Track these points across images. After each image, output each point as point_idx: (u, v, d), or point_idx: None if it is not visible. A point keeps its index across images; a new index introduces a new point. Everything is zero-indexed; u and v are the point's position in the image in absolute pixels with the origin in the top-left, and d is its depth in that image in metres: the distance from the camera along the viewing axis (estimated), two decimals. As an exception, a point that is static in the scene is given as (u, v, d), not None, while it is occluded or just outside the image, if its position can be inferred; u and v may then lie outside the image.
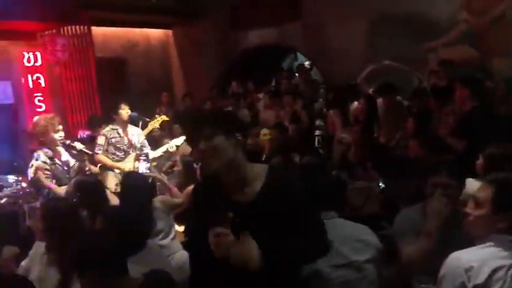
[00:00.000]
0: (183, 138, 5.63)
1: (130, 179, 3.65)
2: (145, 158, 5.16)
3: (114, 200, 3.72)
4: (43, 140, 4.27)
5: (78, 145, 4.35)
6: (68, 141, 4.34)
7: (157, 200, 3.67)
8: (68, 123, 7.47)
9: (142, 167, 5.11)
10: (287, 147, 4.67)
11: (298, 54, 9.67)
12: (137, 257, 2.50)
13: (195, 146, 1.86)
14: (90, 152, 4.54)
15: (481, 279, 1.71)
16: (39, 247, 2.84)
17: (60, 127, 4.29)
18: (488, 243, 1.81)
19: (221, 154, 1.80)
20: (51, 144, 4.27)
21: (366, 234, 2.45)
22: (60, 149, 4.38)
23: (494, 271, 1.72)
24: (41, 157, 4.22)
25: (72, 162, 4.42)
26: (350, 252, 2.23)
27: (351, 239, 2.25)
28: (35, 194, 5.46)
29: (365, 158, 4.69)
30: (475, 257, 1.76)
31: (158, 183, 4.58)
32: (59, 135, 4.25)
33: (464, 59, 6.36)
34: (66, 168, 4.34)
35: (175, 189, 4.11)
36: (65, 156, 4.42)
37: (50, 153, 4.25)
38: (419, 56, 7.03)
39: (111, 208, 3.19)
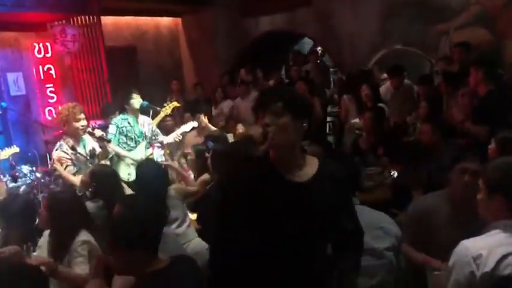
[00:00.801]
0: (191, 124, 5.63)
1: (145, 167, 3.67)
2: (159, 145, 5.17)
3: (126, 190, 3.75)
4: (65, 129, 4.33)
5: (98, 132, 4.39)
6: (88, 129, 4.38)
7: (172, 188, 3.69)
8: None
9: (157, 155, 5.13)
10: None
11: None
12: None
13: (259, 117, 1.85)
14: (109, 139, 4.59)
15: (489, 267, 1.70)
16: (46, 235, 2.94)
17: (82, 116, 4.33)
18: (497, 230, 1.80)
19: (283, 133, 1.82)
20: (73, 133, 4.31)
21: (387, 222, 2.47)
22: (86, 137, 4.43)
23: (503, 258, 1.71)
24: (62, 147, 4.27)
25: (99, 150, 4.46)
26: (370, 240, 2.24)
27: (371, 226, 2.26)
28: (51, 184, 5.55)
29: (376, 144, 4.67)
30: (483, 245, 1.75)
31: (171, 172, 4.60)
32: (81, 124, 4.29)
33: (476, 41, 6.26)
34: (89, 158, 4.38)
35: (190, 178, 4.13)
36: (91, 144, 4.47)
37: (71, 142, 4.30)
38: (431, 40, 6.95)
39: (128, 197, 3.22)
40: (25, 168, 5.82)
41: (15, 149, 5.11)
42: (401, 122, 5.67)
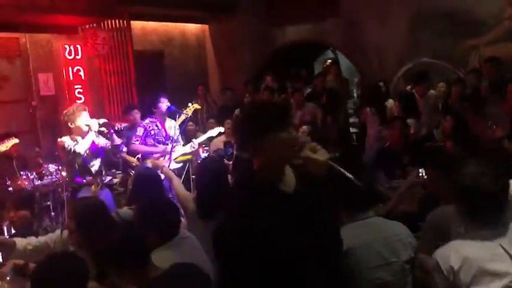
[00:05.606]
0: (218, 129, 5.67)
1: (208, 164, 3.45)
2: (207, 148, 5.23)
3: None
4: (72, 128, 4.41)
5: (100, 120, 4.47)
6: (97, 123, 4.44)
7: None
8: (106, 114, 7.66)
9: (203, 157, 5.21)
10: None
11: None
12: (173, 245, 2.54)
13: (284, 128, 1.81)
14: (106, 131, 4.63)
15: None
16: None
17: (87, 114, 4.43)
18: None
19: None
20: (79, 132, 4.40)
21: (405, 234, 2.40)
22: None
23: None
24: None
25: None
26: (389, 253, 2.19)
27: (390, 239, 2.20)
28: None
29: (402, 154, 4.61)
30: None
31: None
32: (86, 121, 4.38)
33: (507, 57, 6.15)
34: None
35: None
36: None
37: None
38: (460, 54, 6.86)
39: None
40: (51, 167, 5.93)
41: (14, 140, 5.18)
42: (427, 135, 5.59)
